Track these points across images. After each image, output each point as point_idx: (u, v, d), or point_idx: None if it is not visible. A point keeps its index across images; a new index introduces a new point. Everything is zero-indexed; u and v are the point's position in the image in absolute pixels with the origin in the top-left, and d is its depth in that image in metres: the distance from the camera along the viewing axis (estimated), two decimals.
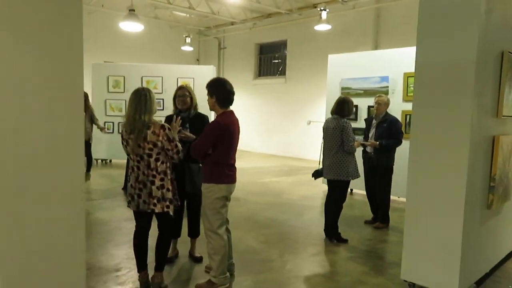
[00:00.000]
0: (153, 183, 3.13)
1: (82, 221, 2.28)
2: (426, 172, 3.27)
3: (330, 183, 4.79)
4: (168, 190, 3.18)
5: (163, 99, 10.31)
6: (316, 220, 5.53)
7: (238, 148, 3.57)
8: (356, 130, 7.10)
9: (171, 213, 3.22)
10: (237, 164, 3.55)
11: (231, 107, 3.50)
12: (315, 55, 11.95)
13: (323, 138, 4.83)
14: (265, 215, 5.90)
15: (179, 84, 10.58)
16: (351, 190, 7.66)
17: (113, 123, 10.27)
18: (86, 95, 8.11)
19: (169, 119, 3.82)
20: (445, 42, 3.11)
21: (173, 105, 4.02)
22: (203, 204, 3.37)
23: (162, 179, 3.15)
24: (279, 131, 13.71)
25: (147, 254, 3.36)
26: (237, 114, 3.55)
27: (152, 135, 3.06)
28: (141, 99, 3.08)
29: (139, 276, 3.33)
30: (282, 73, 14.05)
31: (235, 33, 15.14)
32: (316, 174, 4.92)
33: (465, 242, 3.18)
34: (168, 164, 3.20)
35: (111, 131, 10.18)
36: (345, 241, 4.74)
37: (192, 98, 4.01)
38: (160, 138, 3.08)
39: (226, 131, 3.25)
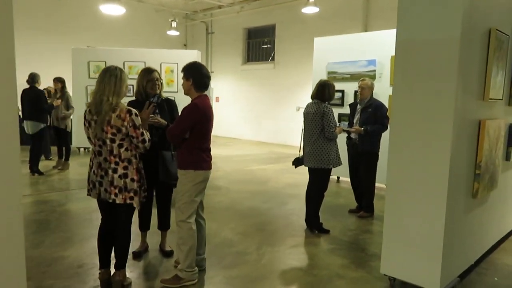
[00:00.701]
0: (115, 171, 2.87)
1: (19, 217, 2.03)
2: (407, 159, 3.05)
3: (311, 171, 4.57)
4: (132, 180, 2.92)
5: None
6: (299, 209, 5.32)
7: (226, 135, 3.35)
8: (342, 116, 6.93)
9: (135, 205, 2.96)
10: (224, 152, 3.34)
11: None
12: (303, 39, 11.62)
13: (303, 124, 4.58)
14: (247, 205, 5.68)
15: (163, 70, 10.35)
16: (338, 178, 7.48)
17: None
18: (63, 82, 7.79)
19: (133, 104, 3.56)
20: (427, 18, 2.85)
21: (138, 90, 3.70)
22: (177, 191, 3.16)
23: (125, 168, 2.90)
24: (268, 118, 13.46)
25: (111, 250, 3.12)
26: (225, 100, 3.35)
27: (116, 119, 2.80)
28: (111, 79, 2.81)
29: (99, 273, 3.10)
30: (272, 58, 13.72)
31: (223, 16, 14.75)
32: (297, 162, 4.69)
33: (448, 233, 2.97)
34: (133, 151, 2.94)
35: None
36: (327, 231, 4.55)
37: (161, 81, 3.74)
38: (125, 123, 2.82)
39: (205, 113, 3.08)
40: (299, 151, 4.75)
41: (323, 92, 4.33)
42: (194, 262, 3.23)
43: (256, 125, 14.07)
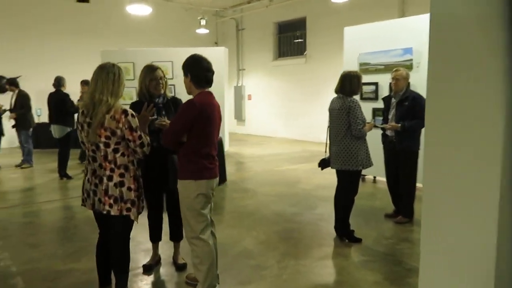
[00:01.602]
0: (110, 178, 2.58)
1: None
2: (447, 161, 2.54)
3: (338, 173, 4.12)
4: (129, 189, 2.63)
5: (174, 85, 9.83)
6: (328, 214, 4.87)
7: (259, 134, 2.96)
8: (377, 111, 6.38)
9: (132, 217, 2.67)
10: (256, 152, 2.96)
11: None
12: (335, 31, 10.97)
13: (329, 121, 4.14)
14: (273, 209, 5.30)
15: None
16: (374, 178, 6.93)
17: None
18: (87, 84, 7.73)
19: (136, 106, 3.28)
20: None
21: (141, 90, 3.40)
22: (181, 205, 2.83)
23: (121, 175, 2.60)
24: (300, 114, 12.96)
25: (110, 269, 2.85)
26: (256, 97, 2.95)
27: (110, 121, 2.50)
28: (109, 77, 2.53)
29: None
30: (303, 52, 13.21)
31: (253, 12, 14.37)
32: (323, 164, 4.25)
33: (501, 250, 2.45)
34: (130, 157, 2.65)
35: None
36: (358, 240, 4.08)
37: (166, 79, 3.43)
38: (120, 125, 2.52)
39: (203, 113, 2.69)
40: (325, 152, 4.31)
41: (346, 85, 3.88)
42: (215, 279, 2.90)
43: (288, 122, 13.63)
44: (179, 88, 9.91)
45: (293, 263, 3.61)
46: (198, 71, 2.77)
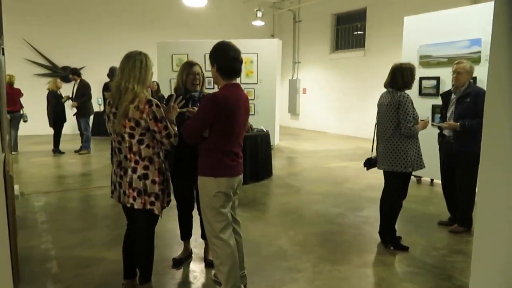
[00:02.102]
0: (134, 170, 2.51)
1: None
2: (506, 167, 2.17)
3: (385, 175, 3.78)
4: (153, 182, 2.54)
5: None
6: (375, 218, 4.53)
7: (312, 129, 2.77)
8: (436, 108, 5.85)
9: (156, 212, 2.58)
10: (307, 147, 2.77)
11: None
12: (397, 22, 10.35)
13: (376, 118, 3.81)
14: (315, 209, 5.04)
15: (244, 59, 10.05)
16: (431, 180, 6.41)
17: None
18: None
19: (169, 99, 3.22)
20: None
21: (177, 84, 3.32)
22: (200, 203, 2.71)
23: (146, 167, 2.52)
24: (356, 110, 12.43)
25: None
26: (311, 91, 2.76)
27: (134, 111, 2.43)
28: (136, 65, 2.45)
29: (122, 284, 2.80)
30: (362, 45, 12.62)
31: (310, 3, 13.97)
32: (368, 164, 3.93)
33: None
34: (156, 149, 2.56)
35: None
36: (405, 248, 3.73)
37: (203, 76, 3.32)
38: (144, 115, 2.43)
39: (226, 108, 2.51)
40: (372, 151, 3.98)
41: (398, 78, 3.51)
42: (238, 281, 2.75)
43: (343, 118, 13.14)
44: None
45: (329, 268, 3.37)
46: (225, 60, 2.59)
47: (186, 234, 3.47)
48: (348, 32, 13.41)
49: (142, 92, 2.46)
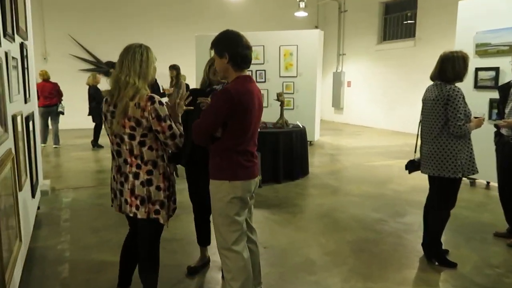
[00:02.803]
0: (136, 176, 2.25)
1: None
2: None
3: (430, 180, 3.30)
4: (158, 188, 2.28)
5: (264, 70, 9.50)
6: (419, 225, 4.02)
7: (356, 123, 2.41)
8: (495, 103, 5.18)
9: (161, 221, 2.32)
10: (350, 143, 2.43)
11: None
12: (452, 9, 9.52)
13: (421, 115, 3.32)
14: (351, 212, 4.61)
15: (282, 53, 9.64)
16: (487, 183, 5.73)
17: None
18: (177, 69, 7.76)
19: (193, 93, 2.97)
20: None
21: (203, 77, 3.06)
22: (212, 210, 2.41)
23: (149, 172, 2.26)
24: (405, 104, 11.65)
25: (133, 269, 2.57)
26: (356, 84, 2.41)
27: (135, 109, 2.15)
28: (136, 57, 2.18)
29: None
30: (412, 34, 11.78)
31: None
32: (411, 166, 3.45)
33: None
34: (160, 151, 2.29)
35: None
36: (452, 265, 3.24)
37: None
38: (146, 114, 2.15)
39: (240, 104, 2.19)
40: (415, 152, 3.50)
41: (448, 68, 3.00)
42: None
43: (390, 112, 12.39)
44: (269, 74, 9.58)
45: (361, 285, 2.96)
46: (239, 48, 2.26)
47: (203, 240, 3.19)
48: (397, 21, 12.59)
49: (144, 88, 2.19)
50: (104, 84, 9.32)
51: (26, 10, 4.15)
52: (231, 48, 2.26)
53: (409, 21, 12.06)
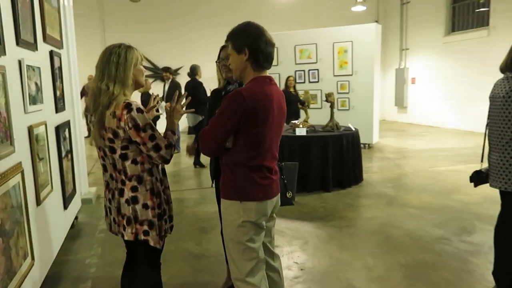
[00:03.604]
0: (121, 193, 1.98)
1: None
2: None
3: (502, 195, 2.69)
4: (145, 206, 1.98)
5: (317, 70, 9.03)
6: (490, 246, 3.39)
7: (421, 123, 2.01)
8: None
9: (151, 243, 2.01)
10: (413, 145, 2.05)
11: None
12: None
13: (488, 115, 2.72)
14: (407, 228, 4.04)
15: (336, 51, 9.07)
16: None
17: None
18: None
19: (214, 94, 2.71)
20: None
21: (217, 73, 2.78)
22: (223, 234, 2.08)
23: (134, 189, 1.97)
24: (477, 101, 10.49)
25: None
26: (421, 81, 2.04)
27: (110, 119, 1.89)
28: (111, 59, 1.92)
29: None
30: (486, 23, 10.60)
31: None
32: (477, 178, 2.86)
33: None
34: (146, 165, 1.99)
35: None
36: None
37: None
38: (122, 123, 1.87)
39: (255, 110, 1.84)
40: (481, 161, 2.89)
41: None
42: None
43: (460, 110, 11.26)
44: (323, 73, 9.08)
45: None
46: (262, 44, 1.91)
47: None
48: (468, 9, 11.43)
49: (121, 94, 1.91)
50: (154, 89, 9.48)
51: (62, 20, 4.13)
52: (253, 43, 1.91)
53: (481, 9, 10.88)
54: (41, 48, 3.21)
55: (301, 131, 5.46)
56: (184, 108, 2.17)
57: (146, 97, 8.87)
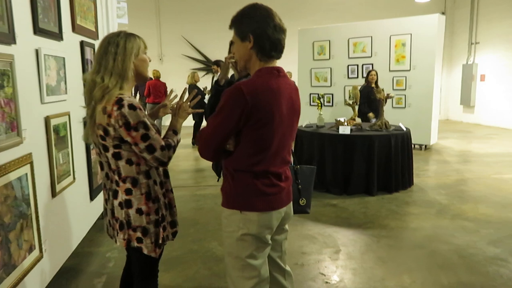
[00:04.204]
0: (115, 195, 1.82)
1: None
2: None
3: None
4: (139, 212, 1.79)
5: (372, 64, 8.48)
6: None
7: (491, 124, 1.72)
8: None
9: (145, 252, 1.82)
10: (478, 148, 1.79)
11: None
12: None
13: None
14: (457, 243, 3.56)
15: (393, 44, 8.43)
16: None
17: (317, 95, 9.14)
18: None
19: (217, 86, 2.48)
20: None
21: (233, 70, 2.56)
22: (223, 247, 1.87)
23: (128, 191, 1.79)
24: None
25: None
26: (492, 78, 1.74)
27: (101, 115, 1.72)
28: (109, 50, 1.74)
29: None
30: None
31: None
32: None
33: None
34: (142, 166, 1.79)
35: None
36: None
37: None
38: (112, 121, 1.69)
39: (256, 106, 1.59)
40: None
41: None
42: None
43: None
44: (377, 68, 8.46)
45: None
46: (269, 30, 1.65)
47: None
48: None
49: (116, 88, 1.73)
50: (203, 82, 9.48)
51: (98, 10, 4.12)
52: (258, 28, 1.65)
53: None
54: (68, 38, 3.18)
55: (344, 130, 5.08)
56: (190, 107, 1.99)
57: (191, 90, 8.91)
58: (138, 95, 10.25)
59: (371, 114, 6.71)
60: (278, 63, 1.80)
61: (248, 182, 1.68)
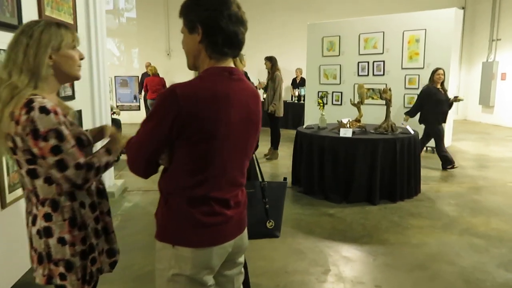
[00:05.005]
0: (34, 221, 1.51)
1: None
2: None
3: None
4: (61, 241, 1.48)
5: (383, 62, 8.03)
6: None
7: (510, 124, 1.37)
8: None
9: None
10: (496, 152, 1.48)
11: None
12: None
13: None
14: (463, 265, 3.16)
15: (406, 40, 7.95)
16: None
17: (326, 93, 8.74)
18: (272, 60, 6.98)
19: None
20: None
21: None
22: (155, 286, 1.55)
23: (47, 217, 1.47)
24: None
25: None
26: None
27: (8, 121, 1.39)
28: (20, 41, 1.43)
29: None
30: None
31: None
32: None
33: None
34: (64, 187, 1.47)
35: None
36: None
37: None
38: (19, 128, 1.38)
39: (191, 115, 1.26)
40: None
41: None
42: None
43: None
44: (389, 66, 8.05)
45: None
46: (222, 20, 1.31)
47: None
48: None
49: (29, 88, 1.40)
50: None
51: (77, 1, 3.85)
52: (209, 18, 1.31)
53: None
54: None
55: (346, 132, 4.70)
56: None
57: None
58: (143, 92, 10.03)
59: (406, 117, 6.27)
60: (284, 58, 1.50)
61: (182, 209, 1.36)
